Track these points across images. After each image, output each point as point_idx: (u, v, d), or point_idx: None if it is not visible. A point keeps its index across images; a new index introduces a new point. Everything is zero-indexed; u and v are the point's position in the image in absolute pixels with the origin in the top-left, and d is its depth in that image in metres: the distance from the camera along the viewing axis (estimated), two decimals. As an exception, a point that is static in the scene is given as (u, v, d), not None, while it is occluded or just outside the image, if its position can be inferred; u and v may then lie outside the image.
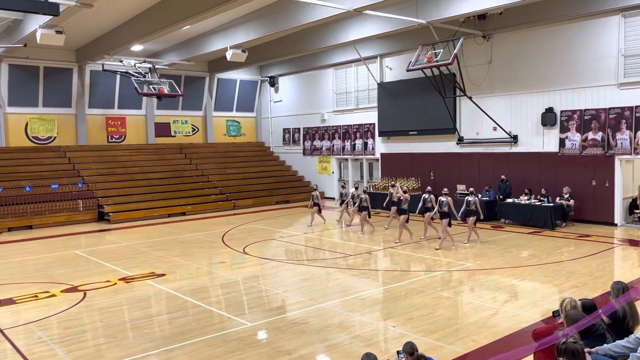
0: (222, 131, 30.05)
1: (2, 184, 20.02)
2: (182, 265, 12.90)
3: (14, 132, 23.29)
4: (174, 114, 28.06)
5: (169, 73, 25.73)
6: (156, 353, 7.34)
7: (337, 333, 7.92)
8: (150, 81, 22.93)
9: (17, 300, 10.17)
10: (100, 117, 25.68)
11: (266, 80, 30.13)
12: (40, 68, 23.31)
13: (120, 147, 25.93)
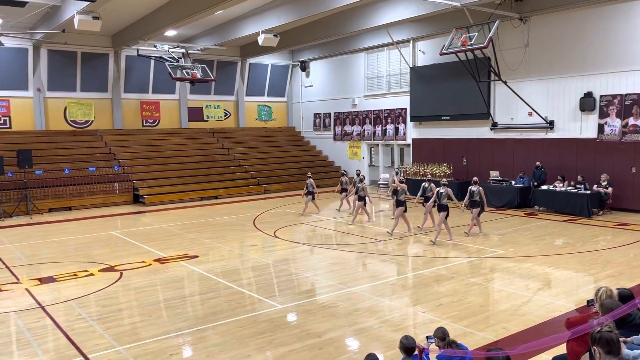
0: (253, 116, 30.25)
1: (43, 167, 20.70)
2: (215, 248, 13.14)
3: (54, 116, 23.97)
4: (206, 98, 28.36)
5: (201, 58, 25.97)
6: (189, 332, 7.53)
7: (366, 317, 7.96)
8: (183, 66, 23.19)
9: (57, 278, 10.56)
10: (135, 102, 26.17)
11: (297, 64, 30.09)
12: (77, 53, 23.85)
13: (154, 131, 26.41)
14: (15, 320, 8.16)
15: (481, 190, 13.67)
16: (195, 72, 23.24)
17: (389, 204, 18.02)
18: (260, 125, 30.43)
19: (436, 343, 4.86)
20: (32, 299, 9.18)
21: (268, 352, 6.75)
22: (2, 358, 6.77)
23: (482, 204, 13.68)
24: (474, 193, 13.69)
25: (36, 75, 23.18)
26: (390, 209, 16.80)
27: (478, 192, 13.64)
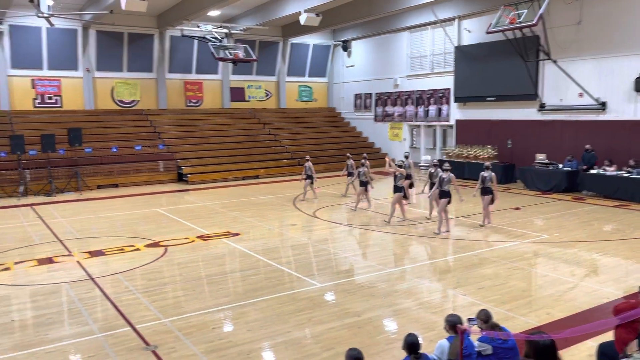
0: (294, 96, 30.28)
1: (92, 145, 21.42)
2: (255, 226, 13.33)
3: (102, 95, 24.68)
4: (248, 79, 28.55)
5: (244, 38, 26.10)
6: (230, 307, 7.71)
7: (405, 298, 7.94)
8: (226, 46, 23.37)
9: (106, 252, 10.98)
10: (179, 82, 26.61)
11: (339, 44, 29.83)
12: (124, 34, 24.38)
13: (197, 111, 26.84)
14: (68, 291, 8.55)
15: (493, 177, 12.53)
16: (238, 52, 23.38)
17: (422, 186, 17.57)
18: (300, 105, 30.45)
19: (478, 325, 4.80)
20: (83, 271, 9.59)
21: (307, 329, 6.84)
22: (56, 326, 7.13)
23: (492, 192, 12.49)
24: (486, 179, 12.54)
25: (85, 55, 23.87)
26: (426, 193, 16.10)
27: (490, 178, 12.50)
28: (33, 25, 21.97)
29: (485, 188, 12.54)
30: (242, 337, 6.64)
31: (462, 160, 21.38)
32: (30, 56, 22.68)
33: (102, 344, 6.50)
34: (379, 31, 26.69)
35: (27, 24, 21.93)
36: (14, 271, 9.71)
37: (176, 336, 6.68)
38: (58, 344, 6.53)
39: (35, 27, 22.21)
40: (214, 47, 23.09)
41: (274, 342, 6.49)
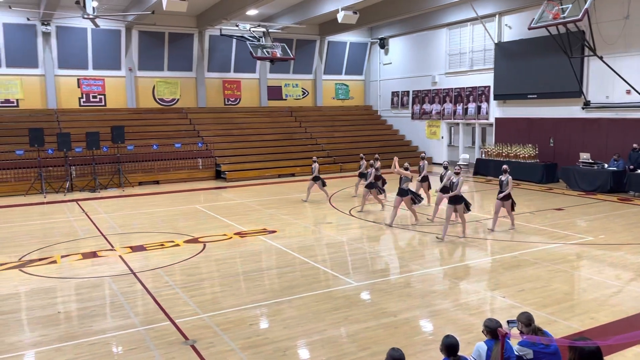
0: (330, 94, 30.28)
1: (133, 142, 21.99)
2: (292, 224, 13.41)
3: (143, 94, 25.30)
4: (285, 77, 28.71)
5: (281, 37, 26.26)
6: (267, 304, 7.78)
7: (442, 299, 7.84)
8: (264, 45, 23.56)
9: (147, 247, 11.26)
10: (218, 81, 27.01)
11: (376, 42, 29.65)
12: (165, 34, 24.91)
13: (235, 110, 27.19)
14: (110, 284, 8.82)
15: (509, 180, 11.97)
16: (275, 51, 23.54)
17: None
18: (337, 103, 30.44)
19: (519, 328, 4.68)
20: (125, 266, 9.87)
21: (343, 328, 6.84)
22: (99, 318, 7.36)
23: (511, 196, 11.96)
24: (503, 183, 11.98)
25: (128, 55, 24.51)
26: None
27: (507, 181, 11.96)
28: (79, 26, 22.72)
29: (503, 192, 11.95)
30: (278, 334, 6.70)
31: (501, 159, 20.94)
32: (76, 56, 23.45)
33: (143, 337, 6.67)
34: (416, 28, 26.39)
35: (73, 25, 22.69)
36: (60, 264, 10.08)
37: (214, 331, 6.79)
38: (101, 336, 6.74)
39: (80, 28, 22.95)
40: (252, 46, 23.32)
41: (310, 340, 6.52)
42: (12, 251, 11.11)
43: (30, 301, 8.12)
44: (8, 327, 7.12)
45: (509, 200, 11.94)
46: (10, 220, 14.56)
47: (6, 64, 22.22)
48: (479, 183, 20.29)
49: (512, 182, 12.24)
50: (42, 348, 6.45)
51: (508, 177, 12.03)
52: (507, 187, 11.88)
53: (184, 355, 6.13)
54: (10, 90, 22.52)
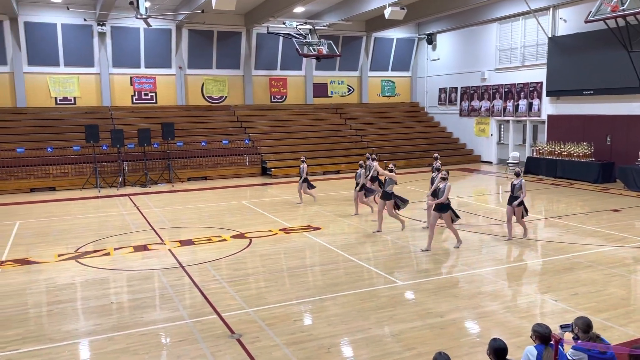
0: (376, 91, 30.07)
1: (183, 139, 22.55)
2: (336, 221, 13.41)
3: (193, 92, 25.89)
4: (331, 74, 28.72)
5: (327, 34, 26.26)
6: (311, 301, 7.81)
7: (490, 301, 7.65)
8: (310, 42, 23.62)
9: (195, 241, 11.53)
10: (265, 78, 27.31)
11: (423, 38, 29.20)
12: (214, 32, 25.38)
13: (281, 107, 27.42)
14: (160, 277, 9.08)
15: (523, 184, 10.90)
16: (322, 47, 23.57)
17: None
18: (383, 100, 30.20)
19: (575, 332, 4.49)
20: (174, 259, 10.14)
21: (388, 327, 6.78)
22: (149, 310, 7.59)
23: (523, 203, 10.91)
24: (516, 187, 10.94)
25: (178, 54, 25.13)
26: None
27: (520, 185, 10.89)
28: (132, 26, 23.48)
29: (514, 198, 10.90)
30: (322, 330, 6.71)
31: (554, 158, 20.24)
32: (129, 55, 24.24)
33: (191, 330, 6.83)
34: (465, 23, 25.81)
35: (127, 25, 23.46)
36: (113, 256, 10.46)
37: (259, 326, 6.88)
38: (152, 327, 6.95)
39: (134, 28, 23.71)
40: (298, 43, 23.44)
41: (354, 338, 6.50)
42: (70, 243, 11.61)
43: (86, 291, 8.46)
44: (65, 315, 7.45)
45: (521, 206, 10.89)
46: (68, 213, 15.23)
47: (64, 63, 23.22)
48: (530, 182, 19.67)
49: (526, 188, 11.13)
50: (96, 337, 6.72)
51: (521, 180, 10.94)
52: (521, 192, 10.84)
53: (230, 349, 6.24)
54: (68, 88, 23.53)
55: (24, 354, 6.22)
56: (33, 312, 7.62)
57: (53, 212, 15.51)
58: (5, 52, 22.22)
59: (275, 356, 6.04)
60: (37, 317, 7.44)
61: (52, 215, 15.04)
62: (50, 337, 6.72)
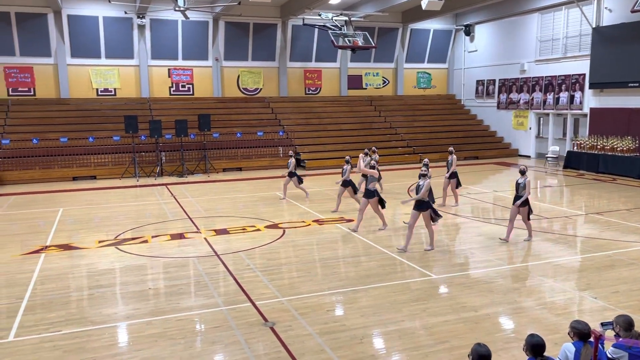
0: (412, 83, 29.73)
1: (219, 130, 22.86)
2: (369, 213, 13.34)
3: (228, 83, 26.18)
4: (366, 66, 28.54)
5: (363, 25, 26.09)
6: (343, 292, 7.83)
7: (526, 297, 7.51)
8: (345, 34, 23.53)
9: (230, 231, 11.70)
10: (299, 70, 27.36)
11: (461, 29, 28.66)
12: (250, 24, 25.55)
13: (316, 99, 27.44)
14: (196, 265, 9.26)
15: (528, 183, 10.21)
16: (357, 39, 23.45)
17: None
18: (418, 92, 29.85)
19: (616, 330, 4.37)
20: (209, 247, 10.32)
21: (421, 320, 6.74)
22: (185, 296, 7.76)
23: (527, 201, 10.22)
24: (520, 186, 10.26)
25: (215, 46, 25.42)
26: None
27: (524, 184, 10.22)
28: (170, 18, 23.88)
29: (519, 198, 10.24)
30: (354, 321, 6.73)
31: (596, 152, 19.63)
32: (167, 47, 24.67)
33: (226, 317, 6.95)
34: (505, 14, 25.20)
35: (165, 18, 23.87)
36: (150, 244, 10.72)
37: (292, 315, 6.95)
38: (187, 313, 7.11)
39: (172, 20, 24.10)
40: (333, 35, 23.37)
41: (386, 330, 6.49)
42: (110, 230, 11.96)
43: (125, 277, 8.72)
44: (105, 299, 7.69)
45: (526, 206, 10.25)
46: (108, 201, 15.68)
47: (105, 55, 23.82)
48: (570, 177, 19.14)
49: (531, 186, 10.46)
50: (135, 321, 6.92)
51: (526, 179, 10.25)
52: (525, 192, 10.19)
53: (263, 337, 6.33)
54: (109, 80, 24.14)
55: (66, 335, 6.47)
56: (75, 296, 7.90)
57: (94, 200, 15.99)
58: (50, 45, 22.94)
59: (308, 345, 6.10)
60: (79, 300, 7.71)
61: (93, 203, 15.51)
62: (91, 319, 6.96)
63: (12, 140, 20.41)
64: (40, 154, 20.26)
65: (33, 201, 15.87)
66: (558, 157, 22.09)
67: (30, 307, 7.41)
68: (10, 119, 21.88)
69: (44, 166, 20.04)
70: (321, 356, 5.83)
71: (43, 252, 10.14)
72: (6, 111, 22.18)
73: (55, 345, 6.21)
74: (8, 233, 11.98)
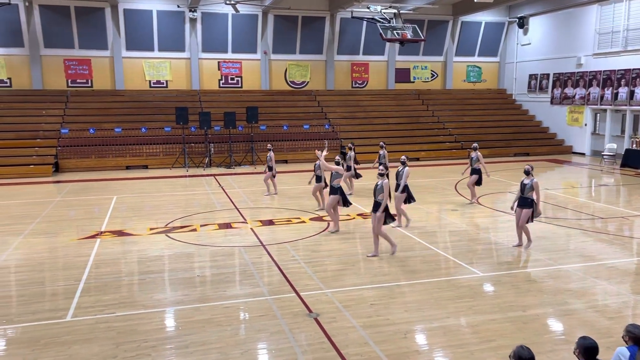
0: (461, 77, 29.13)
1: (266, 123, 23.14)
2: (414, 209, 13.20)
3: (276, 76, 26.42)
4: (414, 59, 28.16)
5: (412, 18, 25.73)
6: (387, 286, 7.81)
7: (577, 298, 7.27)
8: (394, 26, 23.26)
9: (275, 222, 11.86)
10: (346, 63, 27.29)
11: (514, 21, 27.81)
12: (298, 18, 25.66)
13: (362, 92, 27.32)
14: (242, 254, 9.46)
15: (535, 184, 9.29)
16: (406, 32, 23.14)
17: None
18: (468, 86, 29.22)
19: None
20: (255, 238, 10.51)
21: (466, 318, 6.65)
22: (232, 285, 7.94)
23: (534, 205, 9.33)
24: (526, 187, 9.38)
25: (263, 39, 25.69)
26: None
27: (531, 186, 9.33)
28: (221, 12, 24.29)
29: (525, 200, 9.39)
30: (399, 316, 6.71)
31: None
32: (217, 40, 25.12)
33: (271, 306, 7.08)
34: (562, 5, 24.28)
35: (216, 11, 24.30)
36: (199, 233, 11.01)
37: (336, 307, 7.00)
38: (233, 301, 7.28)
39: (222, 14, 24.50)
40: (382, 27, 23.15)
41: (431, 326, 6.44)
42: (160, 218, 12.36)
43: (174, 264, 9.00)
44: (156, 285, 7.97)
45: (530, 209, 9.33)
46: (159, 190, 16.19)
47: (158, 48, 24.50)
48: (627, 176, 18.33)
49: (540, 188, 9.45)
50: (183, 306, 7.14)
51: (532, 180, 9.32)
52: (532, 193, 9.26)
53: (308, 327, 6.41)
54: (161, 72, 24.84)
55: (119, 317, 6.76)
56: (127, 280, 8.22)
57: (145, 188, 16.53)
58: (107, 38, 23.80)
59: (351, 337, 6.13)
60: (130, 284, 8.03)
61: (144, 191, 16.05)
62: (143, 303, 7.24)
63: (70, 130, 21.35)
64: (96, 143, 21.10)
65: (89, 188, 16.57)
66: (615, 155, 21.17)
67: (86, 289, 7.77)
68: (69, 110, 22.88)
69: (99, 155, 20.87)
70: (364, 349, 5.86)
71: (98, 238, 10.60)
72: (65, 102, 23.21)
73: (110, 326, 6.50)
74: (66, 218, 12.58)
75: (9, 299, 7.48)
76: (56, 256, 9.51)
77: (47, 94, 23.34)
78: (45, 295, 7.59)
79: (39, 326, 6.52)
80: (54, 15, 22.87)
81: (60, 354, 5.81)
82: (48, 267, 8.93)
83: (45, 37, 23.08)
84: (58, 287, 7.93)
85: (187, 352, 5.84)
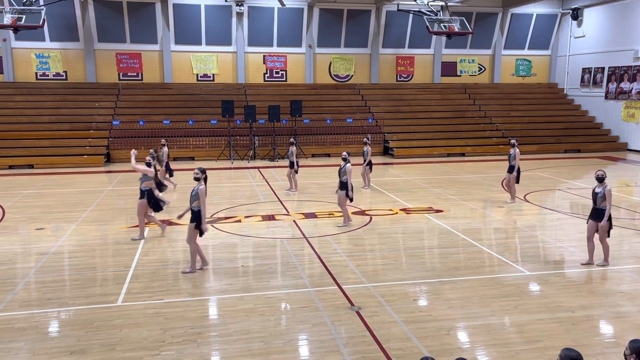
0: (510, 71, 28.35)
1: (309, 116, 23.23)
2: (458, 204, 13.03)
3: (320, 70, 26.45)
4: (461, 52, 27.59)
5: (460, 10, 25.20)
6: (430, 282, 7.74)
7: (629, 301, 7.00)
8: (441, 19, 22.86)
9: (317, 215, 11.93)
10: (391, 57, 27.02)
11: (568, 13, 26.80)
12: (344, 11, 25.57)
13: (407, 86, 27.01)
14: (285, 246, 9.57)
15: (608, 192, 8.11)
16: (453, 25, 22.70)
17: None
18: (516, 80, 28.41)
19: None
20: (298, 230, 10.60)
21: (510, 317, 6.51)
22: (275, 275, 8.05)
23: (610, 217, 8.25)
24: (599, 197, 8.20)
25: (308, 32, 25.75)
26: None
27: (603, 194, 8.16)
28: (267, 6, 24.50)
29: (599, 211, 8.25)
30: (441, 313, 6.64)
31: None
32: (263, 34, 25.35)
33: (313, 298, 7.14)
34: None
35: (262, 5, 24.52)
36: (243, 224, 11.21)
37: (378, 301, 6.99)
38: (276, 292, 7.39)
39: (268, 8, 24.70)
40: (429, 20, 22.78)
41: (474, 324, 6.35)
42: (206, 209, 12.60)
43: (219, 253, 9.20)
44: (201, 274, 8.17)
45: (607, 222, 8.23)
46: (204, 181, 16.51)
47: (206, 42, 24.96)
48: (687, 175, 17.42)
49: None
50: (228, 295, 7.30)
51: (605, 188, 8.14)
52: (605, 204, 8.18)
53: (350, 320, 6.43)
54: (208, 66, 25.30)
55: (167, 304, 6.97)
56: (173, 268, 8.46)
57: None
58: (156, 32, 24.43)
59: (393, 332, 6.12)
60: (176, 272, 8.25)
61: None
62: (189, 291, 7.44)
63: (121, 121, 22.08)
64: (145, 134, 21.74)
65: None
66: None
67: (136, 275, 8.06)
68: (120, 102, 23.65)
69: (148, 146, 21.45)
70: (407, 344, 5.83)
71: (147, 227, 10.93)
72: (117, 94, 24.00)
73: (158, 312, 6.72)
74: (117, 207, 13.05)
75: (63, 283, 7.84)
76: (107, 243, 9.89)
77: (100, 86, 24.21)
78: (97, 280, 7.92)
79: (92, 309, 6.80)
80: (107, 11, 23.65)
81: (112, 337, 6.06)
82: (99, 253, 9.30)
83: (99, 31, 23.91)
84: (109, 272, 8.26)
85: (231, 340, 5.97)
